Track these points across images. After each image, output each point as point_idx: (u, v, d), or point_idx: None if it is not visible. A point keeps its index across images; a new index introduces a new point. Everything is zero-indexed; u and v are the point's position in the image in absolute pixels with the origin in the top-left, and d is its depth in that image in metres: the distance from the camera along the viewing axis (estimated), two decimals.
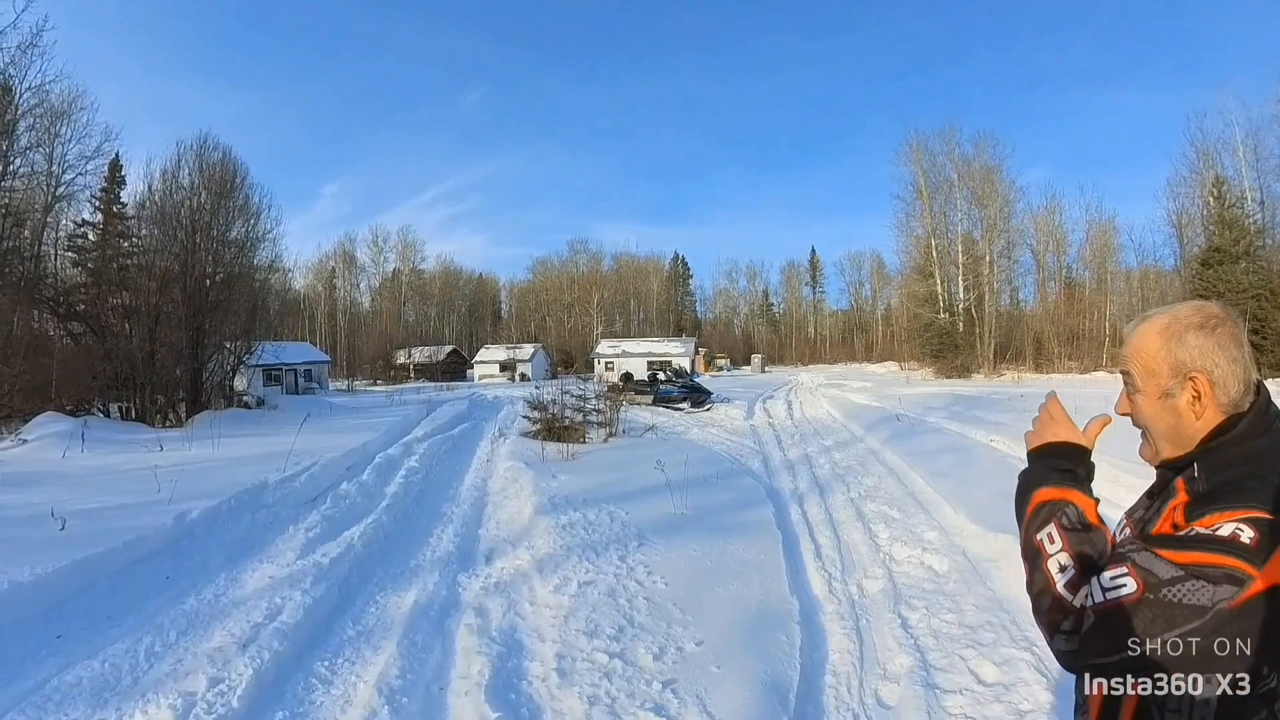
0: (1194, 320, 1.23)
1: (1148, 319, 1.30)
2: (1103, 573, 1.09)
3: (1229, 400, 1.20)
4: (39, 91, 21.73)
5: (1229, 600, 1.01)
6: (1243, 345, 1.22)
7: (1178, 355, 1.22)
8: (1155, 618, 1.03)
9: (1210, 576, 1.01)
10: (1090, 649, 1.09)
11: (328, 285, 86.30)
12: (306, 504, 8.05)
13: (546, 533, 6.75)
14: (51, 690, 3.80)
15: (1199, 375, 1.20)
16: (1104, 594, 1.07)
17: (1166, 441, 1.27)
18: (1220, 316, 1.23)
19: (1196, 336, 1.21)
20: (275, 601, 5.00)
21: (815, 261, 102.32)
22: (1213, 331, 1.21)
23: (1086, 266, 50.85)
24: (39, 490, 8.35)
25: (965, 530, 6.70)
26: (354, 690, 3.88)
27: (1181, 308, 1.27)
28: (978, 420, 14.85)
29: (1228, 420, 1.20)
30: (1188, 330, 1.22)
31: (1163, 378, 1.24)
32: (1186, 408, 1.22)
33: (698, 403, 22.55)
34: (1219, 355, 1.20)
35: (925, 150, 49.03)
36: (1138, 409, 1.30)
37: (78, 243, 27.63)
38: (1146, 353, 1.27)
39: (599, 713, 3.52)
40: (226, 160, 23.78)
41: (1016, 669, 3.95)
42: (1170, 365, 1.23)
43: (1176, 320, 1.24)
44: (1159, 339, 1.25)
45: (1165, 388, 1.24)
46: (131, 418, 19.04)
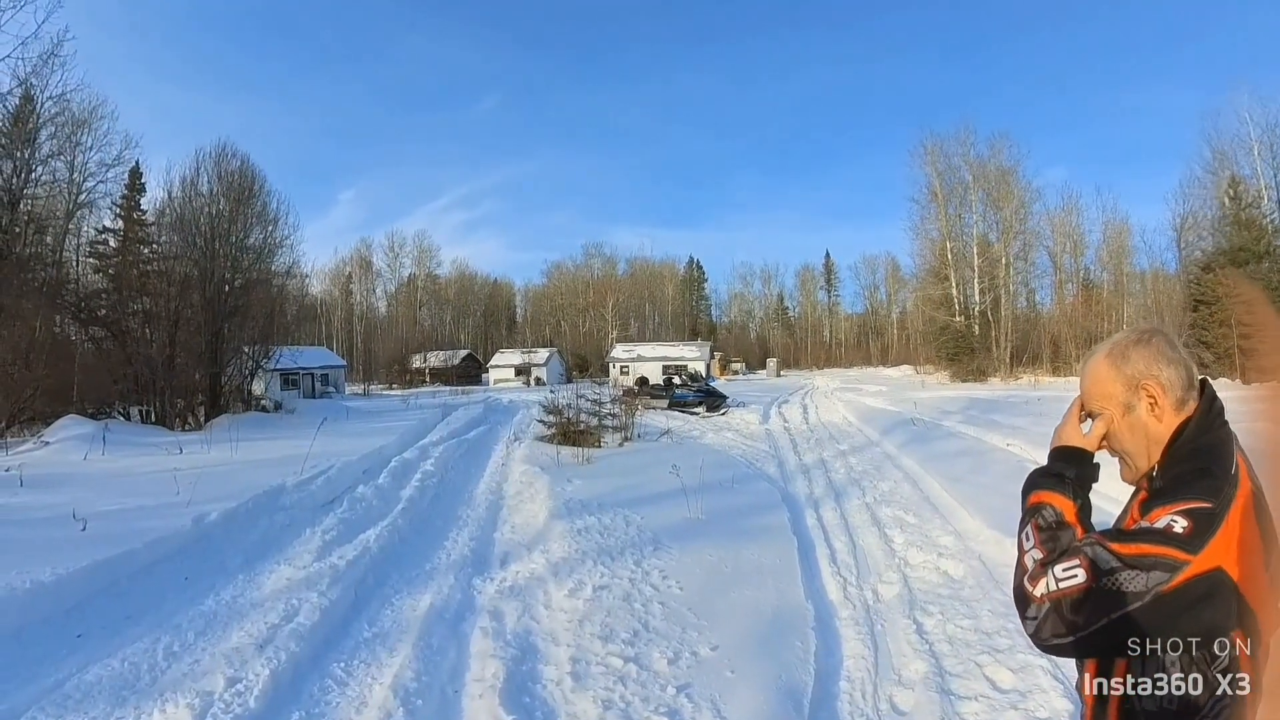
0: (1130, 339, 1.40)
1: (1093, 355, 1.46)
2: (1058, 565, 1.22)
3: (1179, 399, 1.33)
4: (60, 100, 22.14)
5: (1163, 585, 1.13)
6: (1177, 349, 1.37)
7: (1125, 371, 1.37)
8: (1098, 604, 1.16)
9: (1142, 565, 1.14)
10: (1044, 632, 1.21)
11: (344, 290, 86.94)
12: (323, 507, 8.11)
13: (561, 537, 6.77)
14: (71, 688, 3.85)
15: (1149, 382, 1.34)
16: (1057, 584, 1.21)
17: (1141, 457, 1.39)
18: (1150, 330, 1.40)
19: (1136, 350, 1.37)
20: (292, 603, 5.04)
21: (830, 265, 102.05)
22: (1149, 343, 1.37)
23: (1104, 268, 50.16)
24: (61, 492, 8.47)
25: (981, 535, 6.66)
26: (369, 692, 3.90)
27: (1117, 335, 1.44)
28: (994, 424, 14.74)
29: (1184, 421, 1.33)
30: (1128, 348, 1.38)
31: (1120, 395, 1.38)
32: (1147, 414, 1.35)
33: (713, 407, 22.52)
34: (1159, 361, 1.35)
35: (940, 152, 48.63)
36: (1110, 438, 1.42)
37: (99, 249, 28.01)
38: (1101, 381, 1.41)
39: (613, 717, 3.53)
40: (245, 167, 24.14)
41: (1033, 675, 3.92)
42: (1123, 382, 1.37)
43: (1116, 345, 1.41)
44: (1106, 365, 1.40)
45: (1125, 401, 1.38)
46: (151, 421, 19.26)
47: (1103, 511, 1.47)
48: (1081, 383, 1.47)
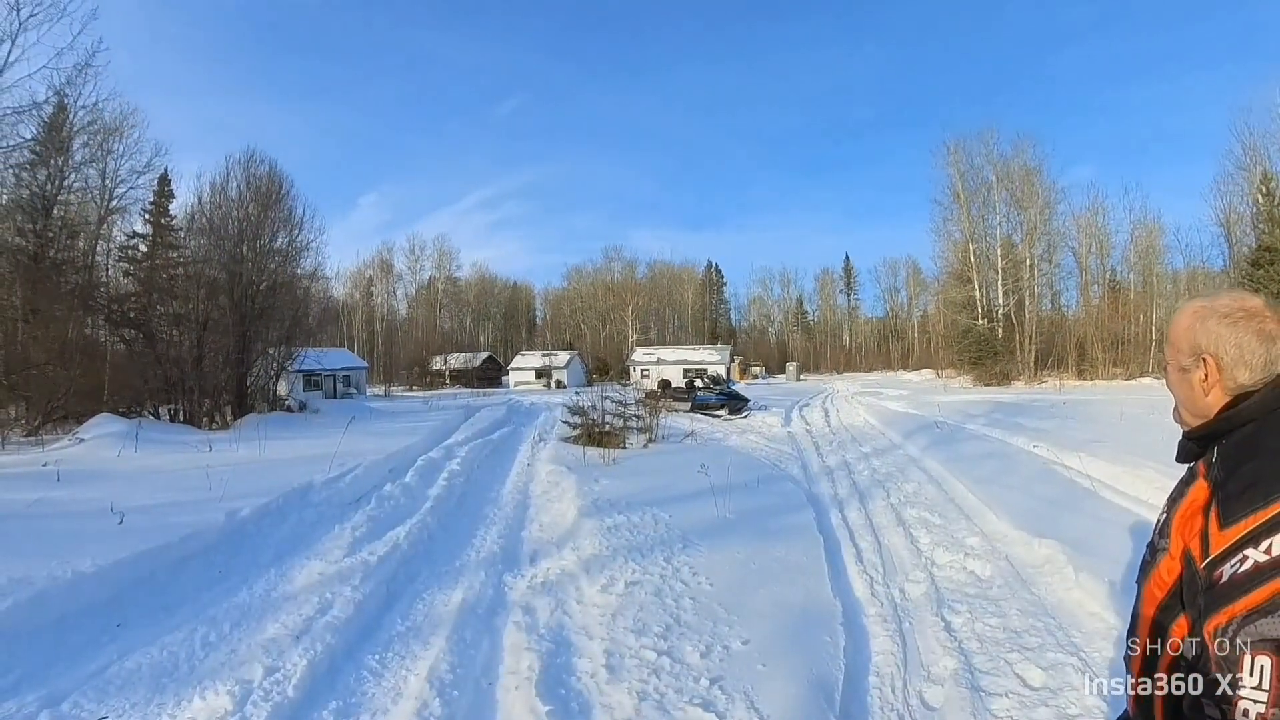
0: (1223, 309, 1.34)
1: (1191, 301, 1.42)
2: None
3: (1236, 385, 1.30)
4: (93, 110, 22.56)
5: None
6: (1272, 340, 1.29)
7: (1197, 337, 1.35)
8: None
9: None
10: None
11: (365, 293, 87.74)
12: (352, 504, 8.20)
13: (591, 534, 6.81)
14: (113, 675, 3.95)
15: (1209, 358, 1.32)
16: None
17: (1186, 411, 1.40)
18: (1251, 311, 1.32)
19: (1218, 324, 1.32)
20: (325, 597, 5.12)
21: (850, 268, 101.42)
22: (1235, 323, 1.31)
23: (1131, 269, 49.31)
24: (97, 487, 8.62)
25: (1008, 536, 6.63)
26: (404, 683, 3.97)
27: (1222, 296, 1.37)
28: (1019, 427, 14.62)
29: (1233, 400, 1.30)
30: (1212, 317, 1.34)
31: (1183, 355, 1.38)
32: (1198, 384, 1.34)
33: (735, 410, 22.50)
34: (1231, 344, 1.30)
35: (963, 152, 47.88)
36: (1168, 378, 1.44)
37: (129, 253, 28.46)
38: (1177, 330, 1.40)
39: (648, 708, 3.56)
40: (272, 173, 24.47)
41: (1063, 673, 3.91)
42: (1190, 345, 1.36)
43: (1209, 307, 1.36)
44: (1189, 319, 1.38)
45: (1183, 364, 1.38)
46: (180, 420, 19.57)
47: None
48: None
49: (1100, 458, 9.75)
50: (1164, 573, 1.35)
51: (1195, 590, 1.21)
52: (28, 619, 4.43)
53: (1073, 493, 8.15)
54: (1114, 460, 9.50)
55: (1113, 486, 8.42)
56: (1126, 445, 10.77)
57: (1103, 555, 5.47)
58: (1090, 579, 5.10)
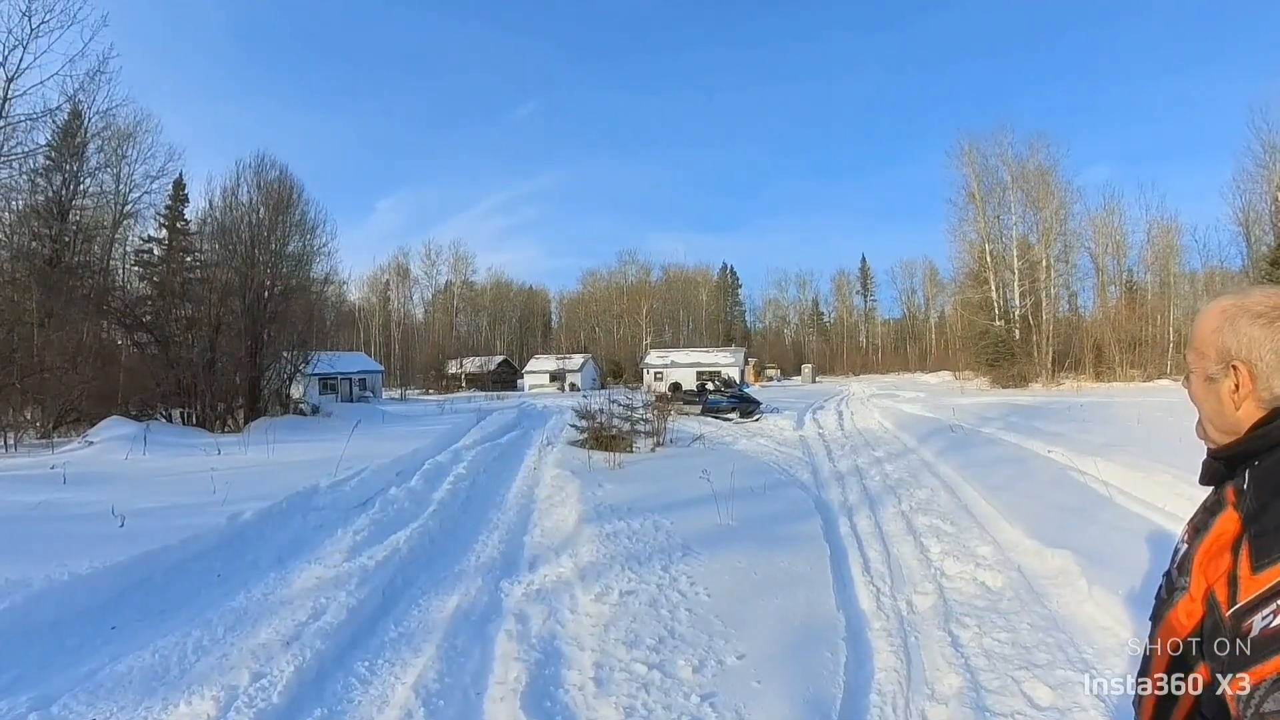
0: (1256, 307, 1.14)
1: (1218, 297, 1.22)
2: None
3: (1272, 397, 1.11)
4: (106, 115, 23.04)
5: None
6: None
7: (1226, 341, 1.15)
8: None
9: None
10: None
11: (382, 297, 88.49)
12: (356, 508, 8.16)
13: (590, 541, 6.72)
14: (104, 678, 3.91)
15: (1241, 365, 1.13)
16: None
17: (1212, 426, 1.20)
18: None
19: (1252, 325, 1.13)
20: (320, 601, 5.06)
21: (866, 269, 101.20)
22: (1272, 323, 1.11)
23: (1148, 269, 48.68)
24: (102, 489, 8.64)
25: (1021, 545, 6.46)
26: (392, 691, 3.89)
27: (1255, 292, 1.17)
28: (1035, 431, 14.36)
29: (1269, 414, 1.11)
30: (1243, 316, 1.14)
31: (1210, 361, 1.18)
32: (1228, 395, 1.15)
33: (746, 413, 22.32)
34: (1268, 348, 1.11)
35: (978, 152, 47.44)
36: (1191, 387, 1.25)
37: (143, 257, 28.85)
38: (1202, 332, 1.20)
39: None
40: (283, 177, 24.67)
41: (1073, 693, 3.75)
42: (1218, 350, 1.16)
43: (1240, 305, 1.16)
44: (1216, 320, 1.18)
45: (1209, 371, 1.18)
46: (192, 423, 19.72)
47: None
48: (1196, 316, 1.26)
49: (1116, 462, 9.53)
50: (1182, 615, 1.15)
51: (1218, 640, 1.03)
52: (24, 621, 4.42)
53: (1088, 499, 7.96)
54: (1131, 465, 9.29)
55: (1129, 493, 8.21)
56: (1143, 449, 10.52)
57: (1116, 567, 5.30)
58: (1103, 592, 4.94)
